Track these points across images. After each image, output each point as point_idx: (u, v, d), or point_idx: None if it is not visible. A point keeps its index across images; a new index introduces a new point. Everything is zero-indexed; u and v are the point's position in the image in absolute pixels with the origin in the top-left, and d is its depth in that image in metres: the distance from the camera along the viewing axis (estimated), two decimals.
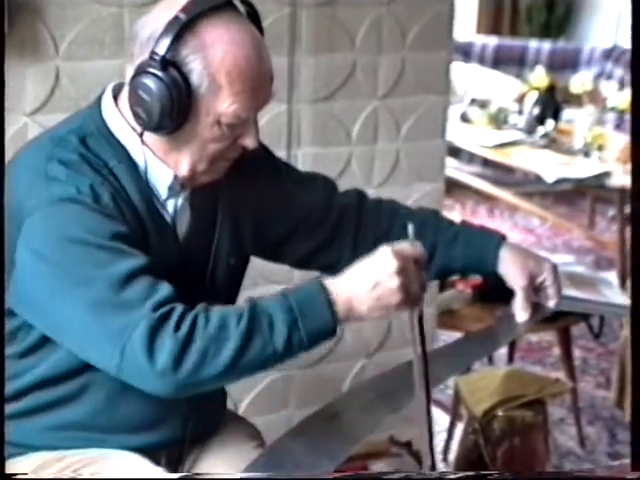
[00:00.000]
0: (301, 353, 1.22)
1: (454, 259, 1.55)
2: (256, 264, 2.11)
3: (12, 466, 1.38)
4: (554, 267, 1.54)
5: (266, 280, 2.17)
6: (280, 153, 1.60)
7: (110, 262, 1.20)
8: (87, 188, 1.24)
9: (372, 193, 1.70)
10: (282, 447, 1.31)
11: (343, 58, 2.19)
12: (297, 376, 2.32)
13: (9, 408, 1.34)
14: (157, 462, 1.40)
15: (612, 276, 2.99)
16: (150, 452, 1.40)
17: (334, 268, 1.57)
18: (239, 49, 1.24)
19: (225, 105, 1.25)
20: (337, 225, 1.54)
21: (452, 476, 1.27)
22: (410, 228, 1.26)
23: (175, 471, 1.43)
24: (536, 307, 1.54)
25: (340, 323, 1.22)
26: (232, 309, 1.22)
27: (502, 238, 1.55)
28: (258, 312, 1.20)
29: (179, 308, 1.19)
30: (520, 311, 1.52)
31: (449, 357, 1.57)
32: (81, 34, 1.89)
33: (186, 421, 1.42)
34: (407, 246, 1.24)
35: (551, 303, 1.55)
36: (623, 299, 2.72)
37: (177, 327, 1.17)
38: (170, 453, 1.44)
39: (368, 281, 1.21)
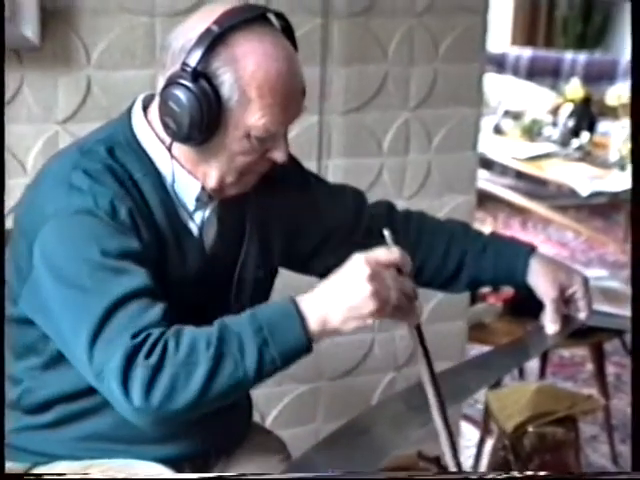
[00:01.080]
0: (276, 372, 1.19)
1: (484, 270, 1.54)
2: (282, 274, 2.11)
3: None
4: (585, 279, 1.52)
5: (294, 292, 2.15)
6: (311, 164, 1.60)
7: (109, 283, 1.20)
8: (106, 201, 1.24)
9: (403, 205, 1.69)
10: (308, 461, 1.29)
11: (375, 69, 2.19)
12: (325, 388, 2.30)
13: (35, 420, 1.34)
14: (183, 473, 1.39)
15: None
16: (174, 464, 1.39)
17: None
18: (271, 63, 1.23)
19: (255, 118, 1.24)
20: (365, 238, 1.52)
21: (456, 476, 1.24)
22: (386, 233, 1.22)
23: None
24: (566, 320, 1.52)
25: (314, 339, 1.18)
26: (203, 331, 1.18)
27: (532, 249, 1.54)
28: (228, 334, 1.17)
29: (155, 334, 1.17)
30: (550, 323, 1.50)
31: (478, 369, 1.54)
32: (113, 43, 1.90)
33: (211, 433, 1.41)
34: (382, 252, 1.19)
35: (582, 315, 1.53)
36: None
37: (148, 354, 1.16)
38: (195, 465, 1.43)
39: (340, 291, 1.17)
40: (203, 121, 1.23)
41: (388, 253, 1.19)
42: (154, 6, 1.91)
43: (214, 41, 1.22)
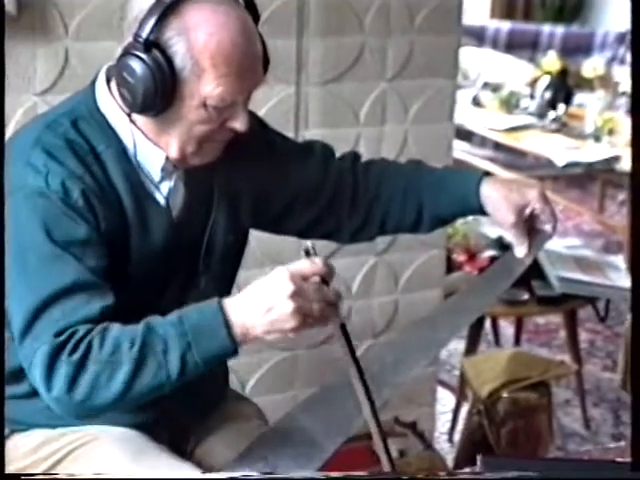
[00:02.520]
0: (199, 373, 1.21)
1: (442, 207, 1.52)
2: (263, 245, 2.14)
3: (15, 441, 1.41)
4: (541, 192, 1.46)
5: (272, 261, 2.18)
6: (288, 135, 1.61)
7: (50, 273, 1.22)
8: (57, 182, 1.25)
9: None
10: (289, 421, 1.32)
11: (352, 40, 2.20)
12: (303, 356, 2.34)
13: (10, 390, 1.35)
14: (160, 439, 1.41)
15: (619, 260, 3.00)
16: (151, 429, 1.41)
17: (336, 235, 1.59)
18: (224, 32, 1.23)
19: (210, 88, 1.24)
20: (334, 192, 1.53)
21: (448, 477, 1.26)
22: (309, 244, 1.22)
23: (179, 448, 1.44)
24: (535, 236, 1.49)
25: (239, 345, 1.19)
26: (128, 331, 1.20)
27: (485, 174, 1.50)
28: (153, 336, 1.19)
29: (80, 332, 1.20)
30: (518, 247, 1.48)
31: (449, 316, 1.52)
32: (90, 15, 1.90)
33: (187, 399, 1.41)
34: (305, 265, 1.19)
35: (547, 227, 1.49)
36: (630, 282, 2.73)
37: (72, 351, 1.19)
38: (172, 430, 1.45)
39: (261, 305, 1.18)
40: (157, 91, 1.23)
41: (312, 265, 1.19)
42: None
43: (165, 11, 1.22)
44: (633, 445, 1.12)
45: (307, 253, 1.21)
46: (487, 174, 1.51)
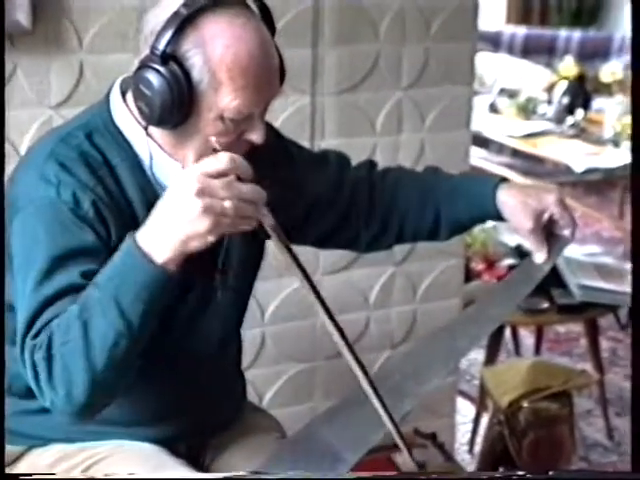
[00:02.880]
0: (155, 314, 1.17)
1: (460, 214, 1.51)
2: (278, 254, 2.12)
3: (33, 457, 1.41)
4: (559, 197, 1.45)
5: (290, 271, 2.17)
6: (304, 144, 1.61)
7: (49, 280, 1.21)
8: (69, 192, 1.25)
9: None
10: (309, 433, 1.31)
11: (366, 49, 2.19)
12: (322, 367, 2.32)
13: (27, 405, 1.35)
14: (177, 453, 1.40)
15: None
16: (169, 444, 1.40)
17: (353, 244, 1.58)
18: (241, 44, 1.23)
19: (227, 101, 1.24)
20: (351, 201, 1.53)
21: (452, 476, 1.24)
22: (212, 139, 1.21)
23: (196, 462, 1.44)
24: (554, 241, 1.47)
25: (167, 266, 1.15)
26: (71, 307, 1.18)
27: (501, 180, 1.48)
28: (87, 299, 1.17)
29: (48, 329, 1.19)
30: (537, 253, 1.47)
31: (468, 326, 1.50)
32: (104, 27, 1.90)
33: (204, 413, 1.42)
34: (209, 161, 1.16)
35: (566, 232, 1.47)
36: None
37: (39, 348, 1.18)
38: (190, 444, 1.45)
39: (170, 214, 1.15)
40: (175, 104, 1.22)
41: (215, 161, 1.16)
42: None
43: (182, 24, 1.21)
44: (633, 445, 1.10)
45: (215, 150, 1.19)
46: (504, 179, 1.50)
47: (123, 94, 1.33)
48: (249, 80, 1.24)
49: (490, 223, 2.84)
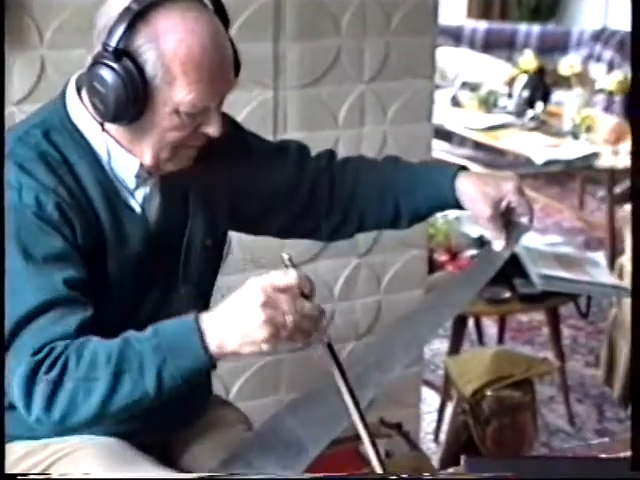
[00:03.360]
0: (180, 389, 1.21)
1: (419, 203, 1.52)
2: (245, 248, 2.14)
3: None
4: (516, 185, 1.46)
5: (254, 264, 2.18)
6: (267, 139, 1.62)
7: (26, 290, 1.21)
8: (31, 197, 1.24)
9: None
10: (274, 425, 1.32)
11: (328, 43, 2.20)
12: (287, 360, 2.34)
13: None
14: (143, 447, 1.40)
15: (600, 256, 3.02)
16: (134, 438, 1.40)
17: (315, 234, 1.59)
18: (194, 39, 1.22)
19: (181, 95, 1.24)
20: (311, 191, 1.53)
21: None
22: (285, 256, 1.22)
23: (162, 455, 1.44)
24: (512, 229, 1.49)
25: (216, 359, 1.19)
26: (105, 346, 1.20)
27: (460, 169, 1.49)
28: (129, 350, 1.19)
29: (58, 348, 1.20)
30: (495, 241, 1.48)
31: (429, 314, 1.52)
32: (65, 23, 1.90)
33: (171, 407, 1.40)
34: (279, 275, 1.18)
35: (524, 219, 1.49)
36: (610, 279, 2.75)
37: (49, 369, 1.18)
38: (157, 438, 1.45)
39: (234, 317, 1.18)
40: (129, 100, 1.23)
41: (284, 276, 1.18)
42: None
43: (134, 19, 1.21)
44: (633, 445, 1.13)
45: (286, 266, 1.21)
46: (462, 168, 1.50)
47: (79, 90, 1.32)
48: (203, 74, 1.24)
49: (452, 214, 2.89)
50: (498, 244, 1.49)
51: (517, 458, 2.04)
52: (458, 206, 1.49)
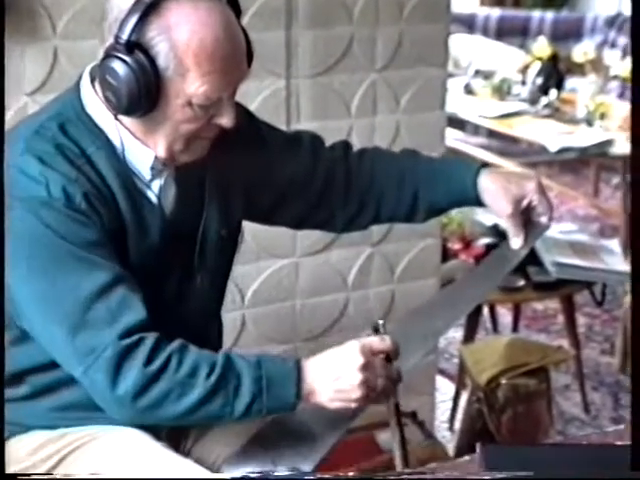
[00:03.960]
0: (258, 417, 1.27)
1: (438, 197, 1.53)
2: (259, 238, 2.14)
3: (14, 444, 1.40)
4: (538, 184, 1.48)
5: (268, 254, 2.18)
6: (280, 128, 1.62)
7: (80, 274, 1.23)
8: (59, 190, 1.24)
9: None
10: (288, 415, 1.32)
11: (340, 31, 2.19)
12: (302, 349, 2.34)
13: (8, 393, 1.34)
14: (158, 436, 1.40)
15: (615, 244, 3.00)
16: (151, 428, 1.40)
17: (329, 224, 1.59)
18: (207, 29, 1.22)
19: (194, 87, 1.24)
20: (326, 181, 1.53)
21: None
22: (380, 322, 1.30)
23: (177, 445, 1.44)
24: (531, 228, 1.51)
25: (303, 403, 1.25)
26: (207, 357, 1.24)
27: (482, 166, 1.51)
28: (230, 371, 1.23)
29: (150, 339, 1.22)
30: (514, 238, 1.50)
31: (446, 306, 1.54)
32: (78, 13, 1.89)
33: None
34: (376, 341, 1.27)
35: (544, 219, 1.51)
36: (625, 266, 2.74)
37: (148, 361, 1.21)
38: (171, 428, 1.44)
39: (331, 373, 1.24)
40: (142, 93, 1.22)
41: (381, 342, 1.27)
42: None
43: (146, 10, 1.21)
44: (633, 445, 1.13)
45: (376, 330, 1.29)
46: (484, 165, 1.52)
47: (92, 82, 1.32)
48: (216, 65, 1.23)
49: None
50: (516, 242, 1.50)
51: (532, 446, 2.04)
52: (478, 202, 1.51)
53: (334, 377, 1.23)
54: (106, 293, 1.22)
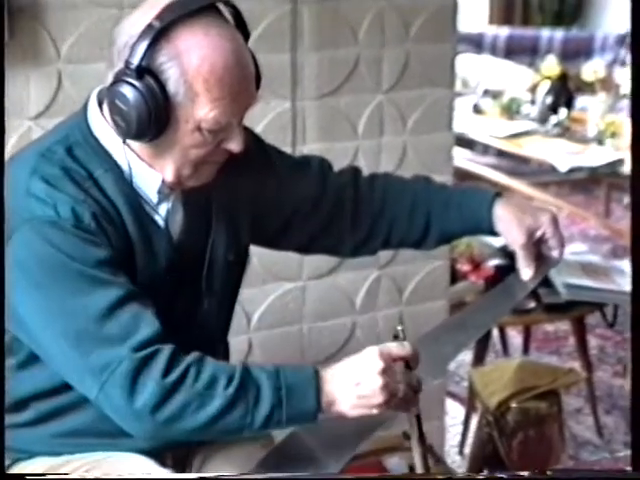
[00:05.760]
0: (278, 429, 1.27)
1: (450, 224, 1.54)
2: (265, 261, 2.12)
3: (18, 471, 1.39)
4: (553, 217, 1.50)
5: (275, 277, 2.17)
6: (286, 150, 1.61)
7: (90, 293, 1.22)
8: (67, 210, 1.24)
9: None
10: (294, 441, 1.33)
11: (346, 53, 2.19)
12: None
13: (12, 419, 1.34)
14: (163, 463, 1.40)
15: (626, 264, 2.97)
16: (156, 454, 1.39)
17: (337, 250, 1.60)
18: (217, 55, 1.23)
19: (204, 112, 1.24)
20: (334, 207, 1.53)
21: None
22: (399, 328, 1.29)
23: (182, 471, 1.43)
24: (541, 261, 1.51)
25: (321, 413, 1.24)
26: (225, 367, 1.23)
27: (496, 195, 1.52)
28: (248, 381, 1.22)
29: (166, 351, 1.21)
30: (524, 269, 1.50)
31: (454, 332, 1.54)
32: (82, 37, 1.90)
33: None
34: (395, 346, 1.26)
35: (555, 253, 1.51)
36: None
37: (165, 373, 1.19)
38: (176, 454, 1.44)
39: (351, 379, 1.23)
40: (151, 118, 1.23)
41: (400, 347, 1.25)
42: None
43: (156, 36, 1.21)
44: (633, 444, 1.10)
45: (396, 337, 1.28)
46: (498, 194, 1.53)
47: (100, 105, 1.33)
48: (226, 90, 1.24)
49: None
50: (526, 273, 1.50)
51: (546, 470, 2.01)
52: (490, 231, 1.51)
53: (354, 383, 1.22)
54: (118, 309, 1.21)
